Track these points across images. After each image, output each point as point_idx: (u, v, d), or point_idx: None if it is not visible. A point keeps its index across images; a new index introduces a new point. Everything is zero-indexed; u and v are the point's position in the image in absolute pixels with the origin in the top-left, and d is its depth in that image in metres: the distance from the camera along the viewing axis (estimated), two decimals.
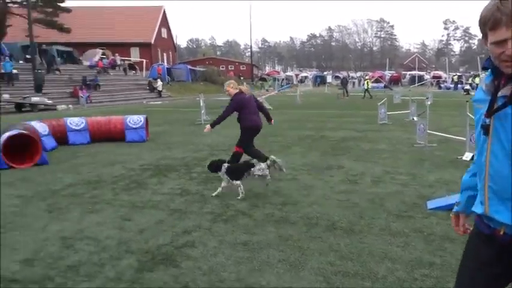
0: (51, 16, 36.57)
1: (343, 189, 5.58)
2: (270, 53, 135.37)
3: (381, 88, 46.68)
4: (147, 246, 3.77)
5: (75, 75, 29.02)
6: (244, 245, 3.79)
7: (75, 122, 9.89)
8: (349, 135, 10.79)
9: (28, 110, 20.77)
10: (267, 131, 11.88)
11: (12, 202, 5.13)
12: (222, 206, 4.94)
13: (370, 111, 17.66)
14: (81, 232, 4.12)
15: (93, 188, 5.85)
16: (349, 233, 4.04)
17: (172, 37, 59.26)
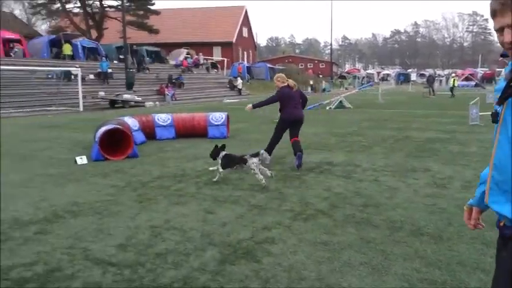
0: (142, 18, 39.14)
1: (429, 193, 5.30)
2: (350, 50, 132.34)
3: (471, 87, 43.50)
4: (229, 239, 3.89)
5: (162, 74, 30.72)
6: (325, 244, 3.75)
7: (163, 118, 10.47)
8: (436, 137, 10.20)
9: (120, 106, 22.39)
10: (347, 130, 11.68)
11: (107, 191, 5.57)
12: (301, 204, 4.94)
13: (459, 112, 16.56)
14: (168, 222, 4.36)
15: (178, 181, 6.16)
16: (436, 239, 3.82)
17: (252, 36, 60.33)
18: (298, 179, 6.20)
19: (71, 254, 3.57)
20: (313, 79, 48.85)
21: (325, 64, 69.14)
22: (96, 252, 3.59)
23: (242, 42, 53.56)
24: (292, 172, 6.64)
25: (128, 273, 3.22)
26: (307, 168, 6.92)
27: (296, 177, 6.31)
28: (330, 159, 7.60)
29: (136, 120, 9.86)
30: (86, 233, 4.04)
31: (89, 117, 16.07)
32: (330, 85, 46.30)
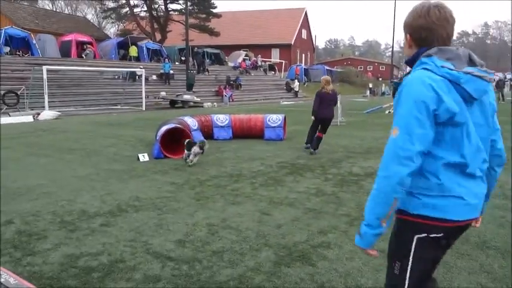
0: (204, 21, 40.22)
1: (498, 205, 4.98)
2: None
3: None
4: (284, 241, 3.89)
5: (221, 76, 31.35)
6: (382, 252, 3.63)
7: (221, 118, 10.68)
8: (505, 145, 9.54)
9: (180, 106, 23.13)
10: None
11: (167, 188, 5.78)
12: (358, 209, 4.83)
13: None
14: (225, 221, 4.44)
15: (234, 181, 6.26)
16: (504, 254, 3.59)
17: (311, 38, 59.96)
18: (355, 183, 6.08)
19: (133, 246, 3.74)
20: (373, 82, 47.67)
21: (386, 67, 67.16)
22: (156, 247, 3.73)
23: (301, 44, 53.37)
24: (349, 177, 6.52)
25: (185, 268, 3.32)
26: (365, 173, 6.76)
27: (353, 182, 6.19)
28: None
29: (196, 120, 10.14)
30: (146, 228, 4.22)
31: (150, 117, 16.76)
32: (389, 88, 44.91)
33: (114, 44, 30.43)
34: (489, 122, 1.80)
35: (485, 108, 1.77)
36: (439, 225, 1.73)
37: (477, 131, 1.74)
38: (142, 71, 22.74)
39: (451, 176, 1.71)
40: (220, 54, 37.25)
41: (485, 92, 1.73)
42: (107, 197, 5.30)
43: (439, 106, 1.64)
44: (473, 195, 1.74)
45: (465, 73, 1.66)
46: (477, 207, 1.77)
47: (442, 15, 1.76)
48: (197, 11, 40.22)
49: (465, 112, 1.68)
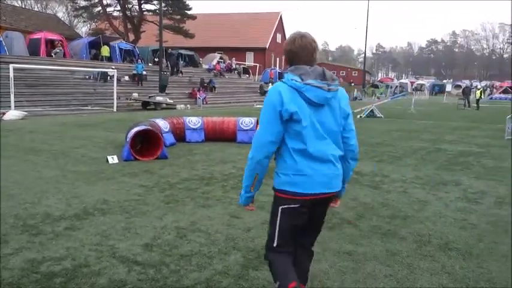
0: (178, 23, 39.90)
1: (460, 208, 5.14)
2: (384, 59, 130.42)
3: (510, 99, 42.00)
4: (253, 244, 3.90)
5: (195, 78, 31.17)
6: (349, 254, 3.71)
7: (193, 121, 10.61)
8: (469, 150, 9.90)
9: (152, 108, 22.83)
10: (377, 140, 11.49)
11: (136, 191, 5.70)
12: (327, 213, 4.88)
13: (495, 125, 16.04)
14: (194, 224, 4.41)
15: (205, 184, 6.23)
16: (465, 255, 3.71)
17: None
18: None
19: (99, 250, 3.67)
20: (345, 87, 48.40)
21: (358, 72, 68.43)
22: (123, 251, 3.67)
23: (275, 48, 53.70)
24: None
25: (152, 272, 3.28)
26: None
27: None
28: (359, 169, 7.49)
29: (168, 122, 10.04)
30: (113, 231, 4.14)
31: (121, 118, 16.48)
32: (361, 93, 45.74)
33: (85, 43, 29.77)
34: (338, 121, 2.37)
35: (335, 111, 2.35)
36: (295, 198, 2.30)
37: (326, 127, 2.32)
38: (114, 71, 22.35)
39: (301, 159, 2.28)
40: (194, 56, 37.04)
41: (326, 99, 2.29)
42: (73, 200, 5.18)
43: (282, 108, 2.22)
44: (321, 175, 2.30)
45: (306, 84, 2.24)
46: (325, 184, 2.33)
47: (303, 43, 2.36)
48: (172, 12, 39.87)
49: (306, 112, 2.25)
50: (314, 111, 2.28)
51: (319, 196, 2.33)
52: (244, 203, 2.57)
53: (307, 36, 2.40)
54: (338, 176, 2.40)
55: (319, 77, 2.29)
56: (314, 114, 2.28)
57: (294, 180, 2.29)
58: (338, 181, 2.42)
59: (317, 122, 2.30)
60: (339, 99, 2.37)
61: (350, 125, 2.47)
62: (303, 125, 2.25)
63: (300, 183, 2.29)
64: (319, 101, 2.27)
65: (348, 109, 2.44)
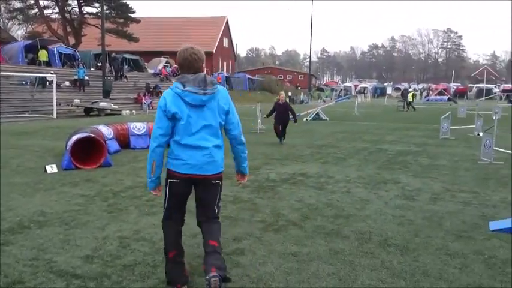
0: (122, 26, 38.82)
1: (398, 205, 5.40)
2: (329, 63, 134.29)
3: (445, 101, 44.68)
4: (199, 251, 3.85)
5: (140, 82, 30.48)
6: (294, 255, 3.77)
7: (138, 126, 10.37)
8: (408, 149, 10.42)
9: (95, 114, 22.07)
10: (323, 142, 11.81)
11: (76, 201, 5.47)
12: (273, 215, 4.96)
13: (431, 125, 16.98)
14: (138, 233, 4.31)
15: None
16: (403, 250, 3.89)
17: (233, 46, 60.61)
18: (271, 190, 6.23)
19: (35, 265, 3.48)
20: (292, 91, 49.32)
21: (304, 76, 69.94)
22: (61, 264, 3.51)
23: (222, 52, 53.75)
24: (266, 183, 6.67)
25: (92, 285, 3.16)
26: (281, 179, 6.96)
27: (270, 188, 6.34)
28: (304, 171, 7.66)
29: (111, 128, 9.74)
30: (51, 244, 3.95)
31: (62, 125, 15.78)
32: (307, 97, 46.81)
33: (20, 47, 28.24)
34: (217, 118, 2.97)
35: (213, 110, 2.95)
36: (175, 175, 2.99)
37: (204, 123, 2.93)
38: (53, 76, 21.37)
39: (178, 148, 2.94)
40: (139, 60, 36.24)
41: (203, 101, 2.89)
42: (6, 213, 4.88)
43: (166, 108, 2.88)
44: (194, 159, 2.93)
45: (185, 90, 2.86)
46: (198, 167, 2.95)
47: (185, 56, 2.93)
48: (114, 15, 38.78)
49: (185, 112, 2.87)
50: (194, 111, 2.91)
51: (194, 176, 2.98)
52: (150, 188, 3.22)
53: (188, 50, 2.96)
54: (212, 162, 2.99)
55: (199, 84, 2.87)
56: (194, 113, 2.91)
57: (174, 163, 2.97)
58: (213, 166, 3.00)
59: (196, 119, 2.91)
60: (217, 100, 2.97)
61: (231, 119, 3.08)
62: (181, 122, 2.90)
63: (178, 165, 2.96)
64: (197, 103, 2.89)
65: (226, 107, 3.02)
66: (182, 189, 3.07)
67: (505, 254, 3.79)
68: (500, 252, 3.83)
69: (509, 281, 3.27)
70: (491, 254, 3.79)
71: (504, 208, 5.27)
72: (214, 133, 2.99)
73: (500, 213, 5.03)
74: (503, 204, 5.47)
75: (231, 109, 3.08)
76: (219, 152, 3.05)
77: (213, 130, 2.98)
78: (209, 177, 3.02)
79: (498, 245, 4.00)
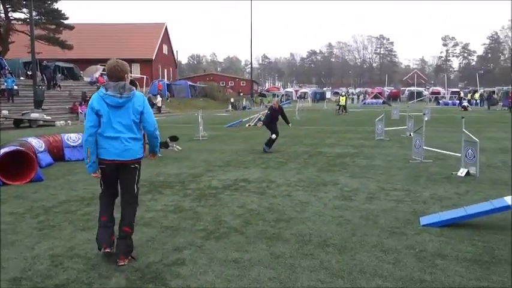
0: (53, 33, 36.98)
1: (337, 206, 5.56)
2: (270, 69, 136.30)
3: (380, 104, 46.90)
4: (137, 264, 3.74)
5: (76, 91, 29.20)
6: (235, 262, 3.76)
7: (73, 138, 9.91)
8: (346, 151, 10.80)
9: (27, 126, 20.84)
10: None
11: (4, 219, 5.10)
12: (215, 223, 4.92)
13: (368, 127, 17.71)
14: (72, 250, 4.09)
15: (86, 204, 5.83)
16: (341, 250, 4.01)
17: (173, 53, 59.81)
18: (213, 197, 6.18)
19: None
20: (234, 97, 49.51)
21: (246, 82, 70.49)
22: None
23: (162, 59, 52.85)
24: (208, 190, 6.61)
25: None
26: (223, 185, 6.93)
27: (212, 195, 6.29)
28: (246, 176, 7.69)
29: (42, 140, 9.22)
30: None
31: None
32: (250, 103, 47.19)
33: None
34: (131, 117, 3.76)
35: (129, 110, 3.74)
36: (102, 161, 3.78)
37: (121, 120, 3.72)
38: None
39: (102, 139, 3.72)
40: (74, 68, 34.75)
41: (119, 103, 3.70)
42: None
43: (93, 107, 3.70)
44: (113, 148, 3.72)
45: (106, 94, 3.69)
46: (117, 154, 3.73)
47: (109, 68, 3.77)
48: (45, 22, 36.88)
49: (105, 111, 3.69)
50: (113, 110, 3.72)
51: (114, 161, 3.76)
52: (89, 172, 3.88)
53: (113, 62, 3.79)
54: (129, 149, 3.77)
55: (118, 89, 3.70)
56: (113, 112, 3.72)
57: (100, 151, 3.76)
58: (129, 153, 3.78)
59: (114, 117, 3.72)
60: (133, 102, 3.77)
61: (146, 118, 3.86)
62: (103, 119, 3.72)
63: (103, 153, 3.76)
64: (114, 104, 3.71)
65: (140, 108, 3.81)
66: (109, 172, 3.85)
67: (434, 247, 4.02)
68: (430, 246, 4.05)
69: (438, 272, 3.46)
70: (422, 248, 4.00)
71: (433, 203, 5.60)
72: (129, 128, 3.78)
73: (430, 209, 5.33)
74: (432, 200, 5.81)
75: (145, 110, 3.85)
76: (136, 142, 3.82)
77: (128, 125, 3.77)
78: (127, 162, 3.79)
79: (428, 239, 4.24)
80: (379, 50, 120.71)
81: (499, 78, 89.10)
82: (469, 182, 6.87)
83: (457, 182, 6.87)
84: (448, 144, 11.48)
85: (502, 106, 36.98)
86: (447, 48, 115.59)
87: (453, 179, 7.16)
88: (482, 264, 3.63)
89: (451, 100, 49.77)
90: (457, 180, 7.05)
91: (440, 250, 3.93)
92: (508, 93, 37.54)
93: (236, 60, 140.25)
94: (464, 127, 7.77)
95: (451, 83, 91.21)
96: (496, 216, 4.78)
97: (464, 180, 7.01)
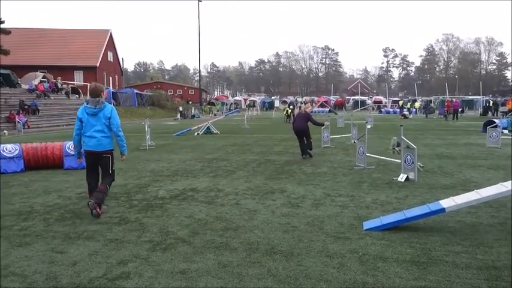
0: None
1: (284, 213, 5.64)
2: (218, 77, 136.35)
3: (326, 112, 48.23)
4: (79, 280, 3.59)
5: (12, 99, 27.62)
6: (182, 273, 3.71)
7: (9, 148, 9.35)
8: (293, 159, 11.00)
9: None
10: (213, 156, 11.90)
11: None
12: (161, 234, 4.82)
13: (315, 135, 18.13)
14: (7, 268, 3.85)
15: (23, 219, 5.52)
16: (288, 256, 4.07)
17: (119, 60, 58.20)
18: (160, 207, 6.06)
19: None
20: (183, 105, 48.95)
21: (195, 90, 70.02)
22: None
23: (107, 66, 51.26)
24: (154, 201, 6.47)
25: None
26: (170, 195, 6.82)
27: (158, 206, 6.17)
28: (194, 185, 7.62)
29: None
30: None
31: None
32: (199, 111, 46.86)
33: None
34: (103, 122, 5.56)
35: (100, 118, 5.56)
36: (85, 151, 5.66)
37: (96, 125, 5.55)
38: None
39: (84, 137, 5.60)
40: (10, 75, 32.81)
41: (94, 112, 5.54)
42: None
43: (78, 116, 5.63)
44: (91, 143, 5.55)
45: (86, 106, 5.58)
46: (93, 147, 5.55)
47: (90, 88, 5.72)
48: None
49: (85, 118, 5.56)
50: (91, 118, 5.56)
51: (92, 152, 5.61)
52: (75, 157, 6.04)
53: (93, 84, 5.78)
54: (100, 144, 5.57)
55: (94, 103, 5.56)
56: (91, 118, 5.55)
57: (83, 145, 5.64)
58: (101, 147, 5.58)
59: (92, 121, 5.55)
60: (103, 112, 5.58)
61: (112, 122, 5.62)
62: (84, 123, 5.56)
63: (85, 146, 5.62)
64: (91, 113, 5.55)
65: (108, 115, 5.59)
66: (90, 159, 5.72)
67: (376, 250, 4.18)
68: (372, 249, 4.21)
69: (380, 274, 3.61)
70: (365, 252, 4.15)
71: (376, 208, 5.83)
72: (101, 129, 5.60)
73: (373, 213, 5.55)
74: (374, 204, 6.05)
75: (112, 116, 5.64)
76: (106, 139, 5.63)
77: (100, 128, 5.59)
78: (100, 152, 5.63)
79: (370, 243, 4.40)
80: (324, 60, 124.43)
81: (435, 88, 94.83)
82: (408, 187, 7.22)
83: (397, 187, 7.20)
84: (389, 151, 12.00)
85: (439, 114, 39.35)
86: (388, 59, 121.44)
87: (394, 184, 7.50)
88: (420, 264, 3.83)
89: (392, 109, 52.16)
90: (397, 185, 7.39)
91: (382, 253, 4.09)
92: (443, 102, 40.03)
93: (184, 69, 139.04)
94: (403, 134, 8.18)
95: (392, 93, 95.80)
96: (432, 218, 5.06)
97: (404, 185, 7.37)
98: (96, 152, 5.56)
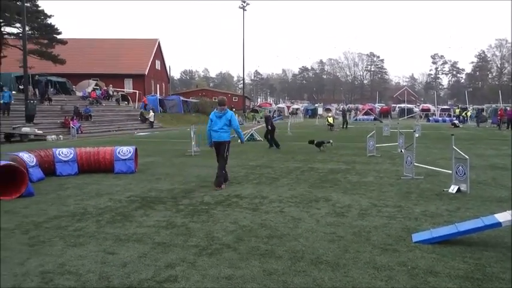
0: (46, 47, 36.94)
1: (329, 222, 5.57)
2: (262, 85, 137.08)
3: (371, 120, 47.28)
4: (129, 281, 3.71)
5: (68, 106, 29.11)
6: (228, 279, 3.74)
7: (64, 152, 9.85)
8: (338, 168, 10.85)
9: (18, 140, 20.67)
10: (257, 163, 11.95)
11: None
12: (207, 239, 4.90)
13: (360, 144, 17.81)
14: (62, 266, 4.05)
15: (77, 220, 5.78)
16: (333, 267, 4.01)
17: (166, 69, 60.01)
18: (206, 213, 6.16)
19: None
20: None
21: (238, 98, 70.70)
22: None
23: (155, 74, 52.99)
24: (200, 206, 6.59)
25: None
26: (215, 201, 6.92)
27: (204, 211, 6.27)
28: (239, 192, 7.69)
29: (33, 155, 9.15)
30: None
31: None
32: (242, 118, 47.28)
33: None
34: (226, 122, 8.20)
35: (223, 119, 8.20)
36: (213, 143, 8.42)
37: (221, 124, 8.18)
38: None
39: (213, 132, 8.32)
40: (66, 83, 34.68)
41: (220, 115, 8.23)
42: None
43: (210, 117, 8.40)
44: (215, 136, 8.27)
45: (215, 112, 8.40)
46: (216, 138, 8.25)
47: (220, 99, 8.64)
48: (38, 36, 36.89)
49: (215, 119, 8.26)
50: (219, 119, 8.22)
51: (216, 141, 8.27)
52: (208, 144, 8.69)
53: (220, 98, 9.22)
54: (222, 136, 8.18)
55: (220, 110, 8.25)
56: (218, 119, 8.21)
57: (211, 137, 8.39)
58: (222, 139, 8.18)
59: (218, 122, 8.19)
60: (225, 116, 8.19)
61: (233, 123, 8.25)
62: (213, 122, 8.26)
63: (213, 137, 8.32)
64: (218, 116, 8.25)
65: (229, 117, 8.19)
66: (215, 146, 8.30)
67: (426, 264, 4.04)
68: (422, 263, 4.07)
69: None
70: (414, 265, 4.02)
71: (425, 220, 5.64)
72: (222, 127, 8.11)
73: (422, 225, 5.37)
74: (424, 216, 5.85)
75: (232, 118, 8.18)
76: (225, 134, 8.19)
77: (223, 126, 8.12)
78: (223, 142, 8.19)
79: (420, 256, 4.26)
80: (369, 67, 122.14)
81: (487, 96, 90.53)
82: (460, 199, 6.93)
83: (448, 199, 6.92)
84: (438, 160, 11.58)
85: (491, 123, 37.52)
86: (436, 66, 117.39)
87: (444, 195, 7.22)
88: (474, 281, 3.66)
89: (441, 117, 50.33)
90: (448, 197, 7.11)
91: (433, 267, 3.95)
92: (496, 110, 38.12)
93: (228, 76, 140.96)
94: (454, 144, 7.88)
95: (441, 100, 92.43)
96: (486, 233, 4.82)
97: (455, 197, 7.07)
98: (220, 142, 8.12)
